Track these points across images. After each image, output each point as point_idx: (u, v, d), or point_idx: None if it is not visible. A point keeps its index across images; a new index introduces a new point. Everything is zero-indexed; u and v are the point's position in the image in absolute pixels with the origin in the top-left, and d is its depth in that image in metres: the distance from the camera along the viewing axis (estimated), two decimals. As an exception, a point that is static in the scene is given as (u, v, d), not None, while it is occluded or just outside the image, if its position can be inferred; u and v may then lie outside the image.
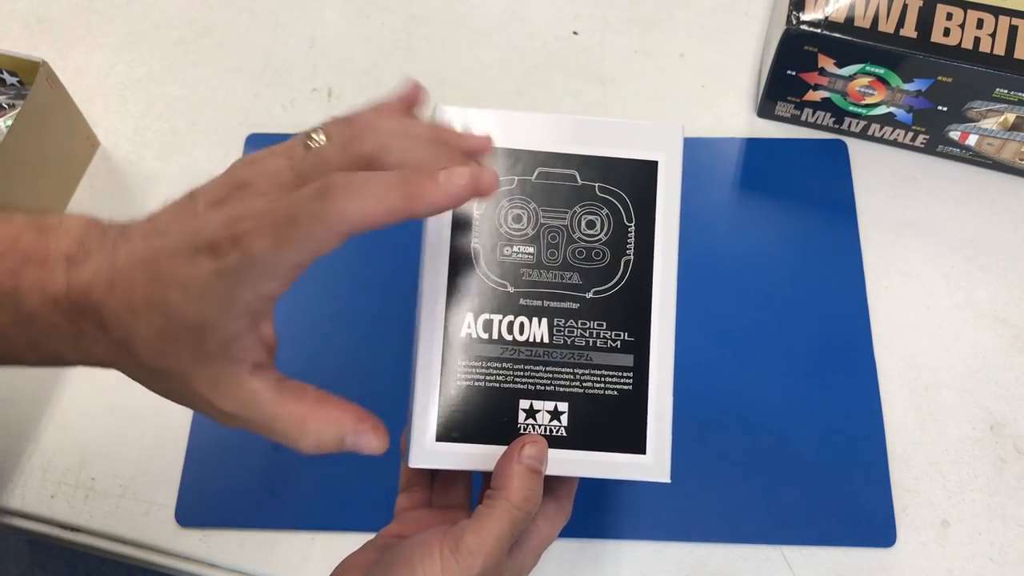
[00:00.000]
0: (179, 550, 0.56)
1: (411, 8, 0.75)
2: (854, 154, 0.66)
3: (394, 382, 0.59)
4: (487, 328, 0.42)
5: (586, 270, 0.43)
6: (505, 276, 0.43)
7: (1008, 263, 0.62)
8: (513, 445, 0.40)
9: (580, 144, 0.44)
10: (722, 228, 0.64)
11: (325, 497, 0.56)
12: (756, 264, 0.62)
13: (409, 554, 0.39)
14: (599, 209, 0.43)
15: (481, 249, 0.43)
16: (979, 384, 0.59)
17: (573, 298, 0.43)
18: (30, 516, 0.57)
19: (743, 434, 0.57)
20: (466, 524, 0.39)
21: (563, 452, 0.42)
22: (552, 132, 0.44)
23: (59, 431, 0.59)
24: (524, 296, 0.42)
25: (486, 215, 0.43)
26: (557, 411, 0.42)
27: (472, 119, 0.43)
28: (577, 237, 0.43)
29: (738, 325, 0.60)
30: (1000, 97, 0.59)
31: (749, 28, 0.73)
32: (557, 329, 0.42)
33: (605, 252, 0.43)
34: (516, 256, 0.43)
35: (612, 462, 0.42)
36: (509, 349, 0.42)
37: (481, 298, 0.42)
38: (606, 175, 0.44)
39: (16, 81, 0.65)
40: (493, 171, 0.34)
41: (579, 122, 0.44)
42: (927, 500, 0.56)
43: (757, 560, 0.54)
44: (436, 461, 0.42)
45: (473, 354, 0.42)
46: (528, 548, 0.42)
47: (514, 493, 0.39)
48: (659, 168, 0.44)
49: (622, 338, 0.43)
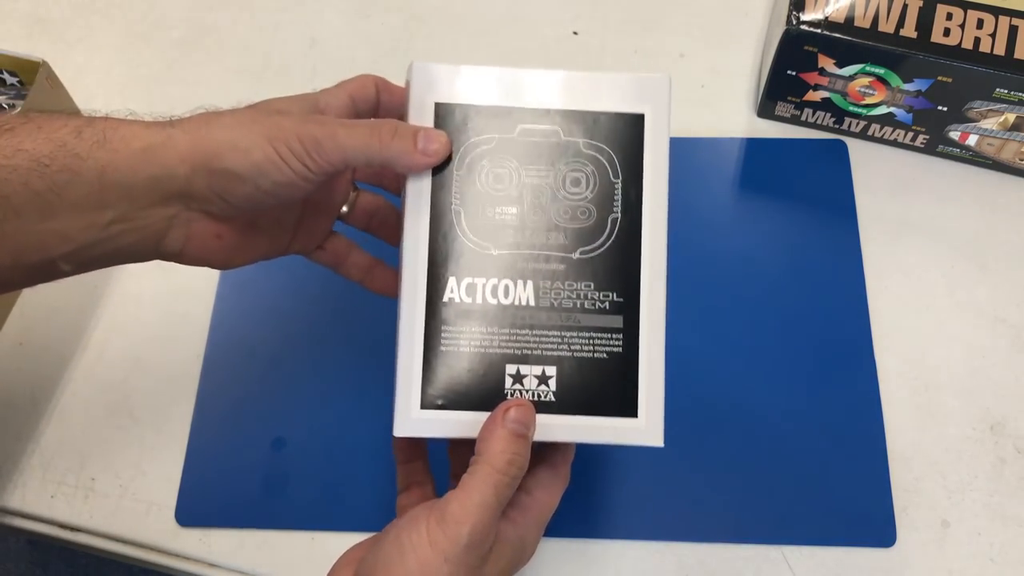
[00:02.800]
0: (179, 550, 0.56)
1: (411, 8, 0.75)
2: (854, 154, 0.66)
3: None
4: (470, 292, 0.41)
5: (572, 230, 0.42)
6: (487, 238, 0.41)
7: (1008, 263, 0.62)
8: (497, 409, 0.40)
9: (562, 99, 0.42)
10: (722, 228, 0.64)
11: (325, 497, 0.56)
12: (756, 264, 0.62)
13: (397, 531, 0.38)
14: (584, 166, 0.42)
15: (463, 211, 0.41)
16: (979, 384, 0.59)
17: (559, 259, 0.41)
18: (30, 516, 0.57)
19: (743, 434, 0.57)
20: (451, 494, 0.38)
21: (552, 417, 0.41)
22: (532, 88, 0.42)
23: (59, 431, 0.59)
24: (508, 258, 0.41)
25: (466, 176, 0.42)
26: (545, 375, 0.41)
27: (446, 75, 0.42)
28: (562, 196, 0.42)
29: (738, 325, 0.60)
30: (1000, 97, 0.59)
31: (749, 28, 0.73)
32: (543, 291, 0.41)
33: (591, 210, 0.42)
34: (498, 217, 0.41)
35: (603, 426, 0.41)
36: (493, 313, 0.41)
37: (463, 261, 0.41)
38: (590, 130, 0.42)
39: (16, 81, 0.65)
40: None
41: (561, 76, 0.42)
42: (927, 500, 0.56)
43: (757, 560, 0.54)
44: (421, 429, 0.41)
45: (457, 319, 0.41)
46: (529, 520, 0.41)
47: (496, 457, 0.38)
48: (646, 121, 0.42)
49: (611, 299, 0.41)
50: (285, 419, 0.58)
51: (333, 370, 0.60)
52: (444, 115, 0.42)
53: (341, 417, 0.58)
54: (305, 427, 0.58)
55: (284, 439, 0.58)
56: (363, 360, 0.60)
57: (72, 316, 0.63)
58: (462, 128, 0.42)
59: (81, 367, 0.61)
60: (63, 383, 0.61)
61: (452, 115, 0.42)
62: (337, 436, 0.58)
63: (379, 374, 0.59)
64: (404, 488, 0.46)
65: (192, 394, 0.59)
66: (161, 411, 0.59)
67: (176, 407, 0.59)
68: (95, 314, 0.63)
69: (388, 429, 0.59)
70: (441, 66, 0.42)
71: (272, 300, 0.62)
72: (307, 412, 0.58)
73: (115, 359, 0.61)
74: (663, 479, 0.56)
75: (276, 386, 0.59)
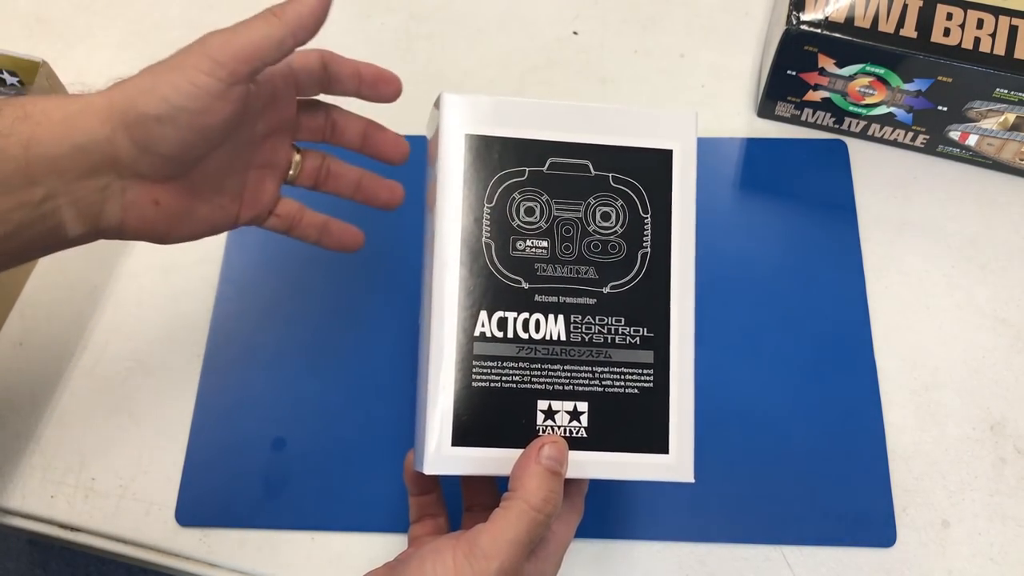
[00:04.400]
0: (179, 550, 0.56)
1: (411, 8, 0.75)
2: (854, 154, 0.66)
3: (397, 392, 0.59)
4: (501, 326, 0.41)
5: (602, 264, 0.42)
6: (518, 272, 0.41)
7: (1008, 263, 0.62)
8: (532, 445, 0.39)
9: (592, 133, 0.42)
10: (722, 228, 0.64)
11: (325, 497, 0.56)
12: (756, 264, 0.62)
13: (420, 561, 0.37)
14: (614, 200, 0.42)
15: (493, 244, 0.41)
16: (979, 384, 0.59)
17: (590, 293, 0.41)
18: (30, 516, 0.57)
19: (743, 434, 0.57)
20: (481, 527, 0.37)
21: (583, 454, 0.40)
22: (563, 120, 0.42)
23: (59, 431, 0.59)
24: (539, 292, 0.41)
25: (497, 208, 0.41)
26: (576, 411, 0.41)
27: (476, 107, 0.41)
28: (592, 230, 0.42)
29: (738, 325, 0.60)
30: (1000, 97, 0.59)
31: (749, 28, 0.73)
32: (574, 326, 0.41)
33: (621, 245, 0.42)
34: (529, 251, 0.41)
35: (634, 463, 0.41)
36: (525, 348, 0.41)
37: (494, 295, 0.41)
38: (620, 165, 0.42)
39: (16, 81, 0.65)
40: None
41: (591, 110, 0.42)
42: (927, 500, 0.56)
43: (757, 560, 0.54)
44: (452, 467, 0.40)
45: (488, 354, 0.40)
46: (548, 554, 0.40)
47: (532, 495, 0.37)
48: (674, 157, 0.42)
49: (641, 334, 0.41)
50: (285, 419, 0.58)
51: (333, 370, 0.60)
52: (474, 147, 0.41)
53: (341, 417, 0.58)
54: (305, 427, 0.58)
55: (284, 439, 0.58)
56: (363, 360, 0.60)
57: (72, 316, 0.63)
58: (492, 160, 0.41)
59: (81, 367, 0.61)
60: (63, 383, 0.61)
61: (483, 147, 0.41)
62: (337, 436, 0.58)
63: (379, 374, 0.60)
64: (417, 519, 0.45)
65: (192, 394, 0.59)
66: (161, 411, 0.59)
67: (176, 407, 0.59)
68: (95, 314, 0.63)
69: (388, 429, 0.59)
70: (471, 97, 0.41)
71: (272, 300, 0.62)
72: (307, 412, 0.58)
73: (115, 359, 0.61)
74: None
75: (276, 386, 0.59)
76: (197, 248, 0.64)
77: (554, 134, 0.42)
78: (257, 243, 0.64)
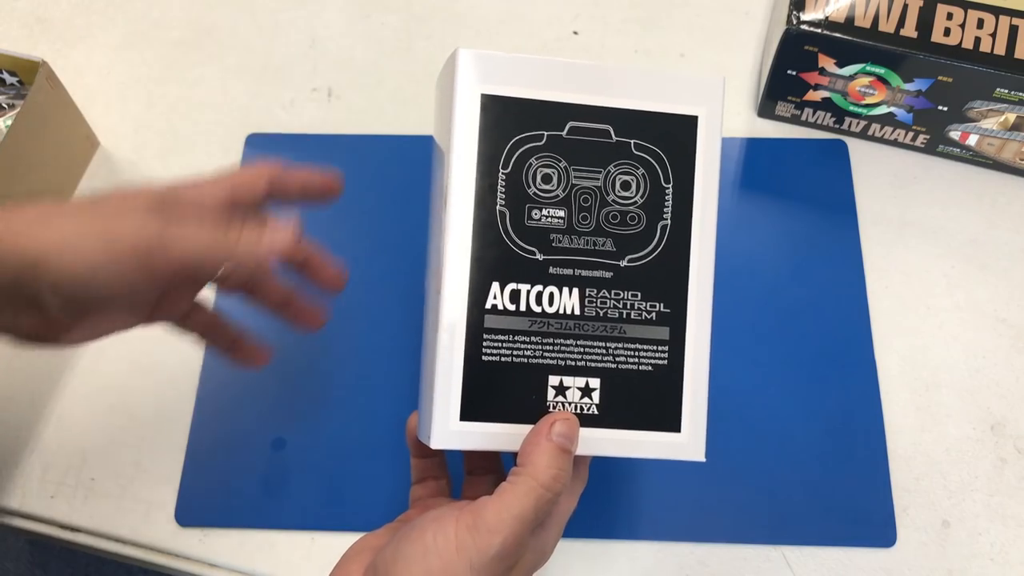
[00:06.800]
0: (179, 550, 0.56)
1: (411, 8, 0.75)
2: (854, 154, 0.66)
3: (397, 392, 0.59)
4: (514, 299, 0.39)
5: (620, 236, 0.40)
6: (533, 242, 0.39)
7: (1008, 263, 0.62)
8: (543, 421, 0.38)
9: (614, 96, 0.40)
10: (722, 228, 0.62)
11: (325, 497, 0.56)
12: (756, 264, 0.62)
13: (422, 530, 0.36)
14: (635, 169, 0.40)
15: (508, 212, 0.39)
16: (979, 384, 0.59)
17: (606, 266, 0.40)
18: (30, 516, 0.57)
19: (743, 434, 0.57)
20: (486, 500, 0.36)
21: (594, 431, 0.39)
22: (584, 81, 0.39)
23: (59, 431, 0.59)
24: (554, 264, 0.39)
25: (512, 175, 0.39)
26: (588, 387, 0.40)
27: (494, 65, 0.39)
28: (611, 200, 0.40)
29: (738, 325, 0.60)
30: (1000, 97, 0.59)
31: (749, 28, 0.73)
32: (589, 300, 0.40)
33: (641, 216, 0.40)
34: (545, 220, 0.39)
35: (645, 441, 0.40)
36: (538, 322, 0.39)
37: (507, 266, 0.39)
38: (643, 131, 0.40)
39: (16, 81, 0.65)
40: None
41: (614, 70, 0.40)
42: (927, 500, 0.56)
43: (757, 560, 0.54)
44: (460, 441, 0.39)
45: (499, 327, 0.39)
46: (551, 523, 0.40)
47: (541, 471, 0.36)
48: (699, 124, 0.40)
49: (658, 309, 0.40)
50: (285, 419, 0.58)
51: (333, 370, 0.60)
52: (490, 107, 0.39)
53: (341, 417, 0.58)
54: (305, 427, 0.58)
55: (284, 439, 0.58)
56: (363, 360, 0.60)
57: (72, 316, 0.63)
58: (509, 122, 0.39)
59: (81, 367, 0.61)
60: (63, 383, 0.61)
61: (499, 107, 0.39)
62: (337, 436, 0.58)
63: (379, 374, 0.60)
64: (419, 480, 0.45)
65: (192, 394, 0.59)
66: (161, 411, 0.59)
67: (176, 407, 0.59)
68: (95, 314, 0.63)
69: (388, 429, 0.59)
70: (489, 53, 0.39)
71: (272, 300, 0.62)
72: (307, 412, 0.58)
73: (115, 359, 0.61)
74: (663, 479, 0.56)
75: (276, 386, 0.59)
76: (197, 248, 0.64)
77: (575, 96, 0.39)
78: (257, 243, 0.64)
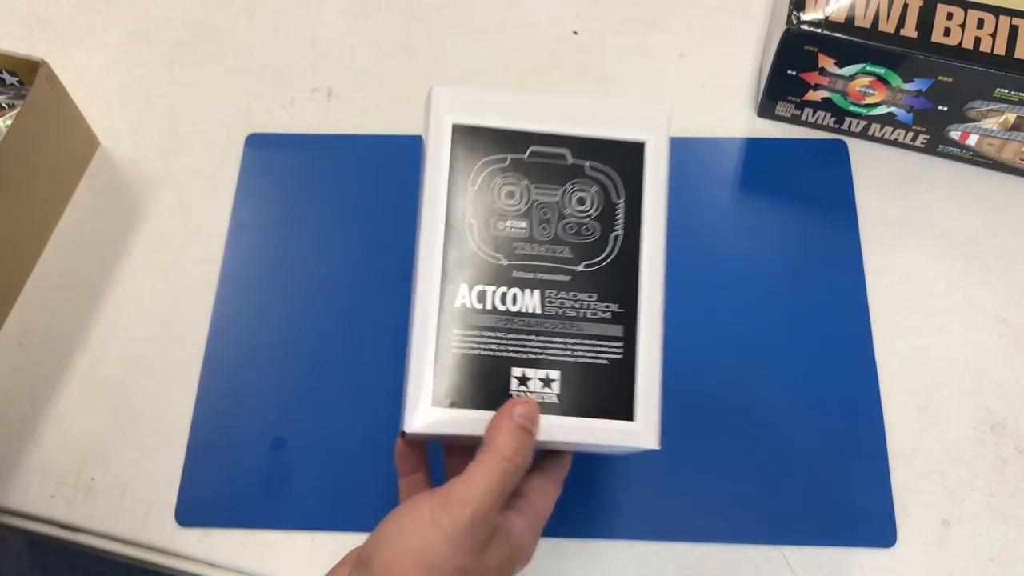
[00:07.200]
0: (179, 550, 0.56)
1: (411, 8, 0.75)
2: (854, 154, 0.66)
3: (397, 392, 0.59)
4: (481, 299, 0.43)
5: (577, 244, 0.44)
6: (499, 249, 0.44)
7: (1008, 263, 0.62)
8: (505, 405, 0.41)
9: (571, 124, 0.45)
10: (722, 228, 0.64)
11: (325, 497, 0.56)
12: (756, 264, 0.62)
13: (399, 515, 0.39)
14: (589, 187, 0.45)
15: (476, 224, 0.44)
16: (979, 384, 0.59)
17: (564, 271, 0.44)
18: (30, 516, 0.57)
19: (743, 434, 0.57)
20: (455, 479, 0.39)
21: (554, 418, 0.43)
22: (544, 112, 0.45)
23: (59, 431, 0.59)
24: (517, 268, 0.44)
25: (480, 191, 0.44)
26: (549, 379, 0.43)
27: (464, 99, 0.45)
28: (568, 213, 0.45)
29: (738, 325, 0.60)
30: (1000, 97, 0.59)
31: (749, 28, 0.73)
32: (549, 300, 0.44)
33: (595, 227, 0.45)
34: (509, 230, 0.44)
35: (602, 428, 0.43)
36: (502, 319, 0.43)
37: (475, 270, 0.44)
38: (596, 154, 0.45)
39: (16, 81, 0.65)
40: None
41: (570, 103, 0.45)
42: (927, 500, 0.56)
43: (757, 560, 0.54)
44: (431, 426, 0.42)
45: (468, 323, 0.43)
46: (527, 522, 0.42)
47: (504, 446, 0.40)
48: (646, 148, 0.45)
49: (612, 309, 0.44)
50: (285, 419, 0.58)
51: (333, 370, 0.60)
52: (461, 136, 0.45)
53: (341, 417, 0.58)
54: (305, 427, 0.58)
55: (284, 439, 0.58)
56: (363, 360, 0.60)
57: (72, 316, 0.63)
58: (477, 147, 0.45)
59: (81, 367, 0.61)
60: (63, 383, 0.61)
61: (468, 136, 0.45)
62: (337, 436, 0.58)
63: (378, 374, 0.60)
64: (404, 472, 0.46)
65: (192, 394, 0.59)
66: (161, 411, 0.59)
67: (176, 407, 0.59)
68: (95, 314, 0.63)
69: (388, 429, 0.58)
70: (459, 90, 0.45)
71: (272, 300, 0.62)
72: (307, 412, 0.58)
73: (115, 359, 0.61)
74: (663, 479, 0.56)
75: (276, 386, 0.59)
76: (197, 248, 0.64)
77: (535, 125, 0.45)
78: (257, 243, 0.64)
